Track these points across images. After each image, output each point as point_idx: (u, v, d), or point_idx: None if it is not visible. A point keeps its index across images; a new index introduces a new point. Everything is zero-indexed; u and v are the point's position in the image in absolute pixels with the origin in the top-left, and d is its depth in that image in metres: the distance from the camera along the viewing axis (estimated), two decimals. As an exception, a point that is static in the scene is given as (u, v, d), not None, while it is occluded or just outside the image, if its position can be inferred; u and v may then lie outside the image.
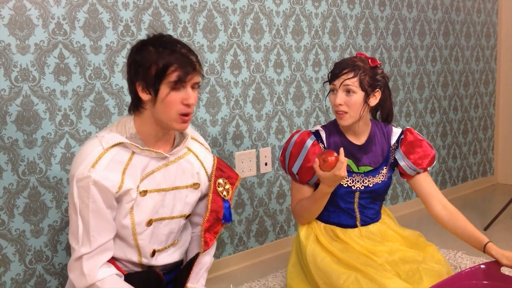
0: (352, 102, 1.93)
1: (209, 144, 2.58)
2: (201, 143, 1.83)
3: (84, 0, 2.12)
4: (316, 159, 1.86)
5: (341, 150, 1.85)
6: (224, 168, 1.86)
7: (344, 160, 1.82)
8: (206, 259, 1.82)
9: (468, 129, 4.16)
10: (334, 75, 1.96)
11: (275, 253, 2.90)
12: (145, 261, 1.70)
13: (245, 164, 2.74)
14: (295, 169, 2.02)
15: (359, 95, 1.93)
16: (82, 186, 1.53)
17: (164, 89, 1.55)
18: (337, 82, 1.94)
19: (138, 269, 1.72)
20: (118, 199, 1.59)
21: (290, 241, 2.92)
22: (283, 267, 2.56)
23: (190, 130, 1.80)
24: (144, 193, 1.62)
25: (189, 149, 1.76)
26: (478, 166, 4.31)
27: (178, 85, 1.55)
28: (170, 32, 2.39)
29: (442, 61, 3.85)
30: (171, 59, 1.53)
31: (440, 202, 2.06)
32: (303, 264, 2.05)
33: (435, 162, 2.10)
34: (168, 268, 1.81)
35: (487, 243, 1.92)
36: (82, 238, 1.56)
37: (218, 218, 1.76)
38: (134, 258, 1.68)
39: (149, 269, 1.73)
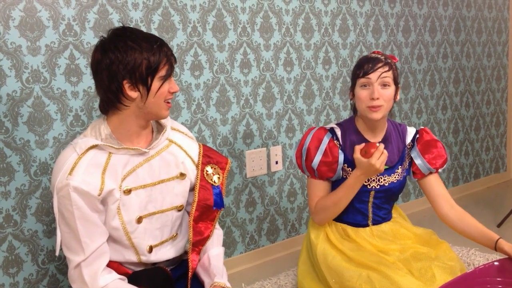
0: (387, 96, 1.91)
1: (219, 143, 2.58)
2: (183, 133, 1.80)
3: (94, 1, 2.13)
4: (357, 147, 1.88)
5: (381, 144, 1.87)
6: (211, 154, 1.82)
7: (381, 151, 1.84)
8: (217, 251, 1.80)
9: (480, 125, 4.13)
10: (368, 68, 1.91)
11: (287, 251, 2.90)
12: (144, 258, 1.68)
13: (255, 162, 2.74)
14: (314, 164, 1.99)
15: (392, 89, 1.93)
16: (63, 195, 1.52)
17: (156, 83, 1.57)
18: (373, 75, 1.89)
19: (141, 269, 1.70)
20: (103, 202, 1.57)
21: (301, 239, 2.91)
22: (295, 266, 2.55)
23: (170, 121, 1.78)
24: (128, 191, 1.60)
25: (171, 140, 1.73)
26: (491, 162, 4.27)
27: (167, 77, 1.60)
28: (180, 32, 2.40)
29: (453, 58, 3.82)
30: (161, 55, 1.57)
31: (448, 203, 2.05)
32: (314, 263, 2.04)
33: (445, 165, 2.10)
34: (174, 263, 1.80)
35: (498, 239, 1.90)
36: (74, 246, 1.55)
37: (208, 205, 1.74)
38: (133, 257, 1.66)
39: (155, 265, 1.72)
